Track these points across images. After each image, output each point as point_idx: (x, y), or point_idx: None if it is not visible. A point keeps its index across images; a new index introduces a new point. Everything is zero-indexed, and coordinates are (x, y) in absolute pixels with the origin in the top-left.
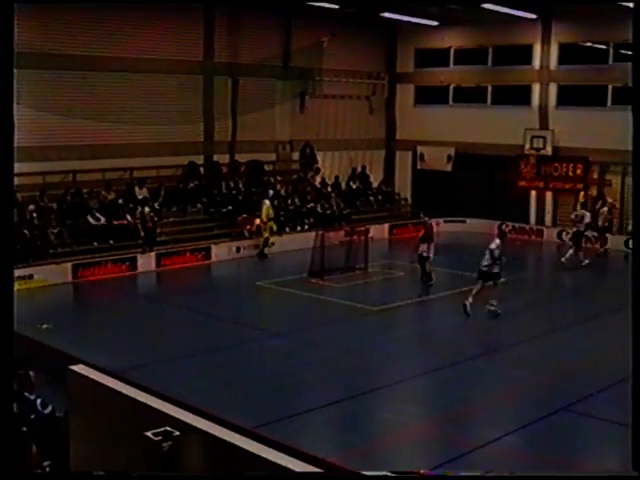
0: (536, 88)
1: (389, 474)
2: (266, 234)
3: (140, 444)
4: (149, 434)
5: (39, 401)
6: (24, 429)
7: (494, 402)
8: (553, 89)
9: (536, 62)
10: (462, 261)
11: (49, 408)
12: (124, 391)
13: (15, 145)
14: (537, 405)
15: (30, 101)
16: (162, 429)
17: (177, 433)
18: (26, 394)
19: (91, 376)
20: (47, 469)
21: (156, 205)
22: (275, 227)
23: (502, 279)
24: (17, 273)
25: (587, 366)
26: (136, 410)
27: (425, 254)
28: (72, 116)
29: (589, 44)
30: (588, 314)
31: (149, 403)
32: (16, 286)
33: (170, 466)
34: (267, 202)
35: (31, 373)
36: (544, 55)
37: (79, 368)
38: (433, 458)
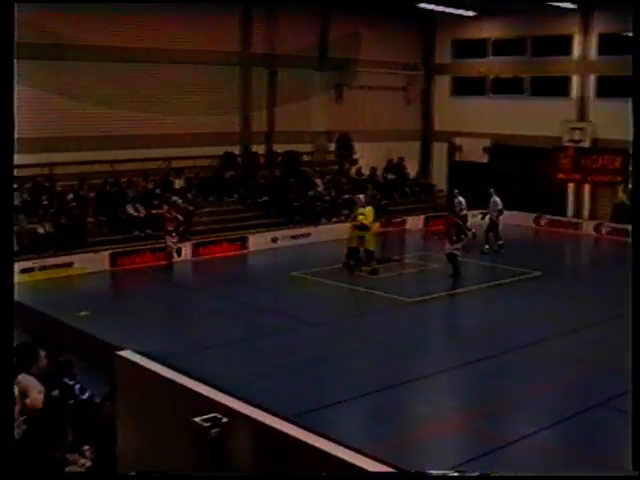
0: (575, 79)
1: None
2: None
3: (188, 430)
4: (198, 420)
5: (77, 387)
6: (63, 414)
7: (530, 396)
8: (592, 80)
9: (575, 53)
10: (498, 253)
11: (87, 394)
12: (171, 377)
13: (55, 135)
14: (574, 400)
15: (70, 92)
16: (211, 415)
17: (225, 420)
18: (65, 380)
19: (138, 362)
20: (86, 453)
21: (189, 195)
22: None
23: None
24: (56, 261)
25: (625, 361)
26: (184, 396)
27: (457, 252)
28: (112, 106)
29: (630, 34)
30: (625, 309)
31: (197, 390)
32: (55, 274)
33: (218, 452)
34: (370, 207)
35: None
36: (583, 46)
37: (126, 354)
38: (467, 452)
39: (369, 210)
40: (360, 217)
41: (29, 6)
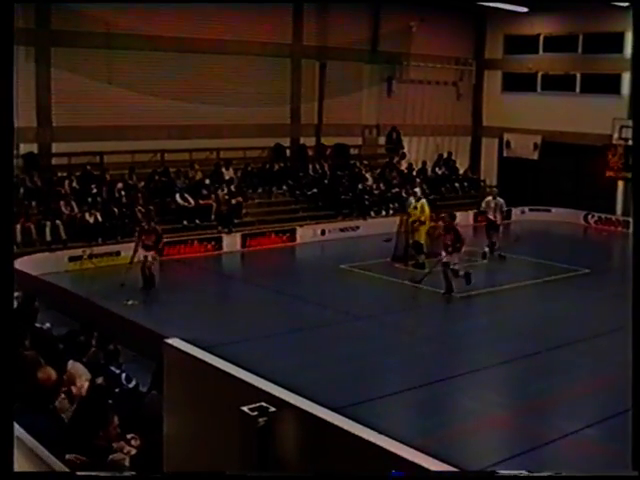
0: (626, 77)
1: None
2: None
3: (235, 419)
4: (245, 409)
5: (124, 375)
6: (109, 401)
7: (576, 393)
8: None
9: (627, 50)
10: (546, 250)
11: (133, 382)
12: (219, 366)
13: (105, 124)
14: (620, 398)
15: (121, 81)
16: (258, 404)
17: (273, 409)
18: (112, 368)
19: (187, 350)
20: (131, 441)
21: (232, 187)
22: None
23: None
24: (105, 250)
25: None
26: (232, 385)
27: (454, 265)
28: (162, 96)
29: None
30: None
31: (245, 379)
32: (103, 262)
33: (265, 441)
34: (423, 200)
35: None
36: None
37: (175, 342)
38: (511, 448)
39: (421, 204)
40: (413, 211)
41: None
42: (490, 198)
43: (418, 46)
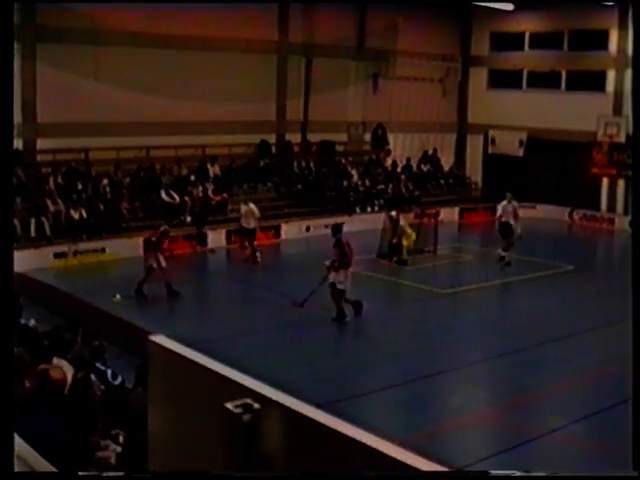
0: (611, 74)
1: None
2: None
3: (220, 415)
4: (229, 406)
5: (109, 372)
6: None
7: (562, 389)
8: (629, 75)
9: (612, 48)
10: (531, 247)
11: (119, 379)
12: (203, 363)
13: (91, 120)
14: (605, 394)
15: (108, 78)
16: (242, 401)
17: (257, 406)
18: (98, 365)
19: (171, 347)
20: (119, 438)
21: (207, 185)
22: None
23: None
24: (90, 246)
25: None
26: (216, 382)
27: (340, 285)
28: (147, 93)
29: None
30: None
31: (229, 376)
32: (89, 259)
33: (249, 438)
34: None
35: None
36: (621, 40)
37: (159, 338)
38: (497, 444)
39: (402, 227)
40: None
41: None
42: (505, 202)
43: (404, 43)
